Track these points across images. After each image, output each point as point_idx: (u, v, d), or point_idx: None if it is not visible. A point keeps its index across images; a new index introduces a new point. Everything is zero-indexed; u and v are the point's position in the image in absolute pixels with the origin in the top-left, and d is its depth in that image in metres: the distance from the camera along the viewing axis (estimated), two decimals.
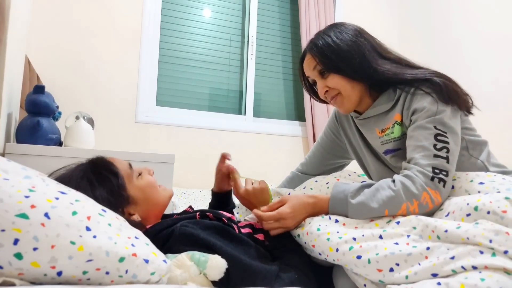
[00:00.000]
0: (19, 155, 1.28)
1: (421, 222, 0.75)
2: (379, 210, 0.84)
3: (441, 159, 0.87)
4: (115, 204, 0.78)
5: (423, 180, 0.85)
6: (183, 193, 2.49)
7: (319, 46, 1.06)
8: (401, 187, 0.85)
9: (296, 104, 3.29)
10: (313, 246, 0.83)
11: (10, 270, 0.51)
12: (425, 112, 0.94)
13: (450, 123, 0.92)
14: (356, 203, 0.87)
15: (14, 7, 1.24)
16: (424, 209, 0.84)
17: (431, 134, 0.91)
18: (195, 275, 0.70)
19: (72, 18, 2.59)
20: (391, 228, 0.78)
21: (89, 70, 2.62)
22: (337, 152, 1.31)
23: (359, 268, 0.74)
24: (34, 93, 1.36)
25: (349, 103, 1.08)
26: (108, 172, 0.83)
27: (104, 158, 0.88)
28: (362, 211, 0.86)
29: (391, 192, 0.85)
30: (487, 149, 1.06)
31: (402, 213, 0.83)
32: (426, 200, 0.83)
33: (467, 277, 0.60)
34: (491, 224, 0.67)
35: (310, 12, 3.13)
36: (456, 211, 0.78)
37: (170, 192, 0.95)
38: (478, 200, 0.74)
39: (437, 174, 0.85)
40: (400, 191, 0.85)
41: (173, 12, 2.96)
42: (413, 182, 0.85)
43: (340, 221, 0.86)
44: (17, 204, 0.52)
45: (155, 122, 2.78)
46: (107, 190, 0.80)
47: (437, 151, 0.88)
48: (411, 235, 0.74)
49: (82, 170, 0.82)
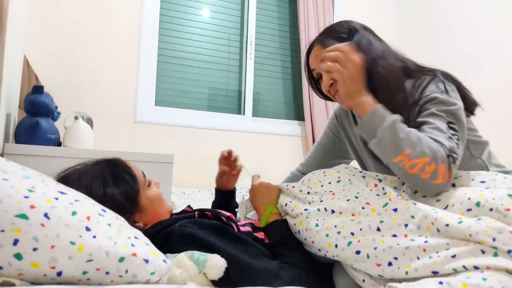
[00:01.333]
0: (18, 155, 1.28)
1: (420, 212, 0.73)
2: (403, 144, 0.81)
3: (454, 142, 0.85)
4: (125, 208, 0.78)
5: (444, 152, 0.82)
6: (182, 193, 2.49)
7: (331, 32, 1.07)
8: (435, 147, 0.82)
9: (295, 103, 3.29)
10: (313, 242, 0.83)
11: (10, 271, 0.50)
12: (437, 103, 0.93)
13: (461, 117, 0.91)
14: (394, 120, 0.84)
15: (12, 8, 1.24)
16: (434, 178, 0.80)
17: (444, 120, 0.89)
18: (194, 274, 0.70)
19: (70, 19, 2.58)
20: (389, 216, 0.76)
21: (88, 70, 2.61)
22: (337, 152, 1.31)
23: (358, 263, 0.74)
24: (33, 93, 1.36)
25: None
26: (126, 175, 0.83)
27: (123, 160, 0.87)
28: (392, 132, 0.83)
29: (427, 140, 0.83)
30: (488, 149, 1.06)
31: (417, 163, 0.80)
32: (440, 171, 0.80)
33: (469, 277, 0.59)
34: (494, 220, 0.66)
35: (309, 12, 3.13)
36: (455, 204, 0.76)
37: (170, 207, 0.95)
38: (480, 195, 0.73)
39: (452, 153, 0.83)
40: (433, 148, 0.82)
41: (171, 12, 2.96)
42: (443, 145, 0.83)
43: (336, 211, 0.85)
44: (16, 204, 0.52)
45: (154, 122, 2.78)
46: (122, 192, 0.79)
47: (451, 135, 0.87)
48: (409, 225, 0.72)
49: (99, 169, 0.81)
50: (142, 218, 0.84)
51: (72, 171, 0.81)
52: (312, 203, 0.92)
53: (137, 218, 0.83)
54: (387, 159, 0.86)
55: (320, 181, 1.00)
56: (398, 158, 0.82)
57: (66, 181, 0.76)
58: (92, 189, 0.76)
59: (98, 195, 0.74)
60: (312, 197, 0.94)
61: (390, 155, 0.84)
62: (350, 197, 0.89)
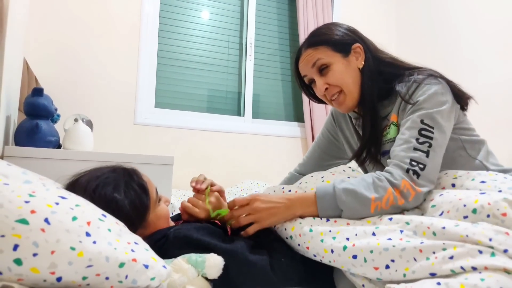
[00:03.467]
0: (18, 157, 1.28)
1: (415, 219, 0.74)
2: (366, 194, 0.85)
3: (420, 153, 0.88)
4: (131, 221, 0.75)
5: (398, 172, 0.87)
6: (182, 194, 2.48)
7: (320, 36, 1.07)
8: (383, 177, 0.87)
9: (295, 105, 3.30)
10: (308, 248, 0.83)
11: (10, 276, 0.50)
12: (420, 107, 0.95)
13: (440, 120, 0.92)
14: (343, 188, 0.86)
15: (12, 10, 1.24)
16: (407, 196, 0.84)
17: (416, 128, 0.92)
18: (193, 277, 0.70)
19: (70, 21, 2.58)
20: (384, 224, 0.77)
21: (87, 72, 2.61)
22: (335, 152, 1.31)
23: (356, 267, 0.74)
24: (32, 96, 1.36)
25: (351, 100, 1.07)
26: (140, 188, 0.81)
27: (139, 172, 0.85)
28: (349, 195, 0.85)
29: (376, 179, 0.87)
30: (486, 148, 1.05)
31: (388, 197, 0.84)
32: (406, 187, 0.84)
33: (467, 278, 0.59)
34: (491, 225, 0.67)
35: (308, 13, 3.14)
36: (451, 211, 0.76)
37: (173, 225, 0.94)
38: (475, 201, 0.72)
39: (413, 166, 0.87)
40: (384, 179, 0.87)
41: (171, 14, 2.96)
42: (391, 174, 0.87)
43: (331, 219, 0.85)
44: (17, 209, 0.51)
45: (154, 124, 2.77)
46: (130, 203, 0.77)
47: (418, 144, 0.89)
48: (404, 231, 0.73)
49: (114, 176, 0.79)
50: (145, 233, 0.83)
51: (87, 173, 0.80)
52: None
53: (138, 233, 0.80)
54: (364, 215, 0.86)
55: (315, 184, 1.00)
56: (372, 208, 0.84)
57: (79, 183, 0.76)
58: (101, 193, 0.75)
59: (106, 201, 0.74)
60: None
61: (365, 212, 0.85)
62: None
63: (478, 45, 2.66)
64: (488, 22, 2.60)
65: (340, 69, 1.05)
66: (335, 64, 1.05)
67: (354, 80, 1.06)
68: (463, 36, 2.79)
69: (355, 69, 1.06)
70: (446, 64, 2.84)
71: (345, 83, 1.05)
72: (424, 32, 3.17)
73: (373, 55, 1.07)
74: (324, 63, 1.05)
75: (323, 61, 1.05)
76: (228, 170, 2.80)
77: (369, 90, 1.05)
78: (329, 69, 1.05)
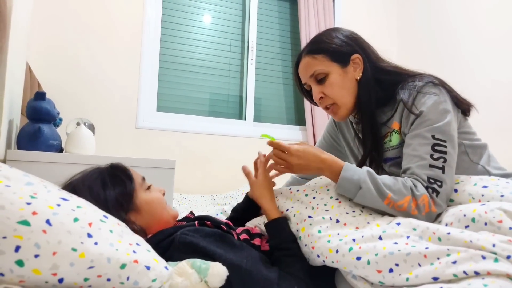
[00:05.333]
0: (20, 161, 1.28)
1: (422, 224, 0.76)
2: (385, 190, 0.87)
3: (436, 169, 0.89)
4: (120, 204, 0.80)
5: (422, 187, 0.88)
6: (184, 198, 2.48)
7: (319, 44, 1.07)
8: (409, 184, 0.88)
9: (297, 108, 3.30)
10: (313, 248, 0.83)
11: (11, 277, 0.50)
12: (425, 119, 0.94)
13: (449, 131, 0.93)
14: (371, 172, 0.91)
15: (15, 14, 1.25)
16: (421, 210, 0.85)
17: (429, 144, 0.92)
18: (196, 282, 0.70)
19: (72, 25, 2.60)
20: (391, 228, 0.78)
21: (89, 76, 2.63)
22: (336, 156, 1.31)
23: (358, 269, 0.74)
24: (35, 100, 1.37)
25: (344, 111, 1.09)
26: (124, 176, 0.87)
27: (122, 164, 0.92)
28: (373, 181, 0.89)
29: (402, 182, 0.89)
30: (487, 152, 1.05)
31: (403, 204, 0.85)
32: (424, 202, 0.86)
33: (470, 283, 0.59)
34: (492, 235, 0.68)
35: (310, 17, 3.15)
36: (454, 222, 0.79)
37: (176, 213, 0.95)
38: (473, 210, 0.75)
39: (431, 184, 0.88)
40: (408, 186, 0.88)
41: (173, 18, 2.98)
42: (416, 186, 0.88)
43: (341, 222, 0.86)
44: (18, 211, 0.52)
45: (156, 127, 2.78)
46: (118, 191, 0.83)
47: (434, 161, 0.90)
48: (410, 236, 0.74)
49: (99, 172, 0.86)
50: (138, 218, 0.84)
51: (78, 175, 0.86)
52: (316, 210, 0.92)
53: (133, 218, 0.83)
54: (376, 205, 0.89)
55: (327, 186, 1.01)
56: (386, 201, 0.87)
57: (73, 186, 0.81)
58: (93, 189, 0.80)
59: (98, 194, 0.79)
60: (317, 203, 0.94)
61: (378, 201, 0.88)
62: (356, 209, 0.91)
63: (478, 48, 2.66)
64: (488, 26, 2.60)
65: (337, 81, 1.05)
66: (332, 75, 1.05)
67: (350, 91, 1.06)
68: (464, 40, 2.79)
69: (352, 80, 1.07)
70: (446, 67, 2.84)
71: (339, 97, 1.06)
72: (425, 34, 3.17)
73: (373, 64, 1.07)
74: (321, 73, 1.06)
75: (321, 71, 1.06)
76: (230, 173, 2.80)
77: (366, 101, 1.05)
78: (326, 78, 1.06)
